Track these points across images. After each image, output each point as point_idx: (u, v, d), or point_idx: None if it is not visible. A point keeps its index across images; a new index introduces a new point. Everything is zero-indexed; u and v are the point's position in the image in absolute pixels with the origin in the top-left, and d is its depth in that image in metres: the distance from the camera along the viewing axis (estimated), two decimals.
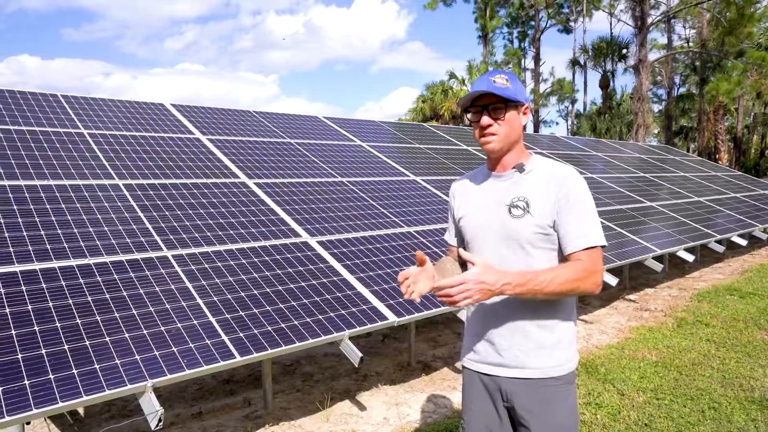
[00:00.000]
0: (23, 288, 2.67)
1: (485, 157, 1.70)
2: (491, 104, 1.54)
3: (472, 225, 1.66)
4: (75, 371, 2.29)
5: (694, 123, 30.92)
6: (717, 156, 25.16)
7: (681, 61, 29.10)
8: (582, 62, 30.34)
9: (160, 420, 2.23)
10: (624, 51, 28.29)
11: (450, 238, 1.83)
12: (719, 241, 7.08)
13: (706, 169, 12.18)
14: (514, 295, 1.45)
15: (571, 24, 30.59)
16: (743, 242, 7.43)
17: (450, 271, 1.65)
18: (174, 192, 3.98)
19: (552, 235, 1.55)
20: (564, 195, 1.52)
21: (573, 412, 1.60)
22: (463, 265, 1.76)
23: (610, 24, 30.41)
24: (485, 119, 1.55)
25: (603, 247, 1.53)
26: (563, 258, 1.56)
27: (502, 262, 1.54)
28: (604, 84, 28.48)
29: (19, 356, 2.29)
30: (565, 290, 1.47)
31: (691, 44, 28.86)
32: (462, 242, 1.75)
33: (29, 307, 2.57)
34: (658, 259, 6.31)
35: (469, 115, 1.62)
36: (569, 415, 1.58)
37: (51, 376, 2.23)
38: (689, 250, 6.53)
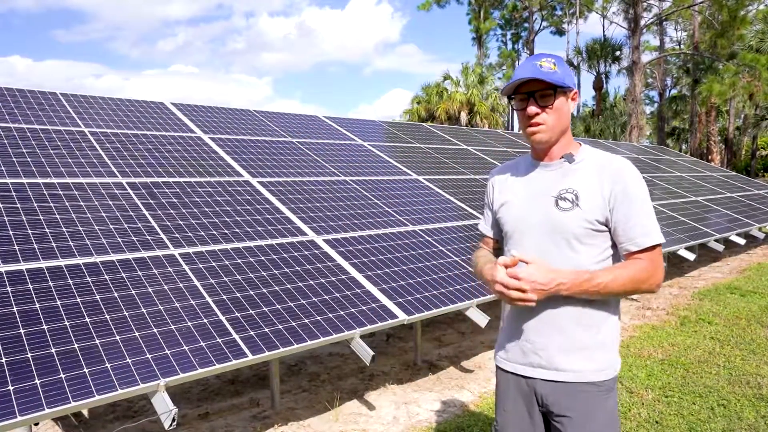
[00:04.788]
0: (30, 286, 2.62)
1: (484, 157, 1.64)
2: (538, 91, 1.42)
3: (512, 216, 1.55)
4: (86, 370, 2.24)
5: (686, 124, 31.20)
6: (709, 157, 25.38)
7: (673, 63, 29.36)
8: (575, 64, 30.52)
9: (173, 419, 2.19)
10: (617, 53, 28.50)
11: (486, 228, 1.72)
12: (718, 240, 7.12)
13: (700, 169, 12.27)
14: (570, 294, 1.38)
15: (565, 26, 30.78)
16: (741, 241, 7.48)
17: None
18: (179, 191, 3.93)
19: (602, 232, 1.45)
20: (621, 189, 1.42)
21: (613, 420, 1.47)
22: (498, 250, 1.70)
23: (603, 26, 30.69)
24: (532, 108, 1.43)
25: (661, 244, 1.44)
26: (614, 254, 1.47)
27: (545, 257, 1.43)
28: (598, 86, 28.65)
29: (29, 355, 2.24)
30: (623, 292, 1.40)
31: (682, 46, 29.13)
32: (500, 234, 1.65)
33: (37, 306, 2.51)
34: None
35: (513, 103, 1.50)
36: (609, 423, 1.46)
37: (62, 375, 2.18)
38: (689, 249, 6.56)
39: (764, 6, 21.93)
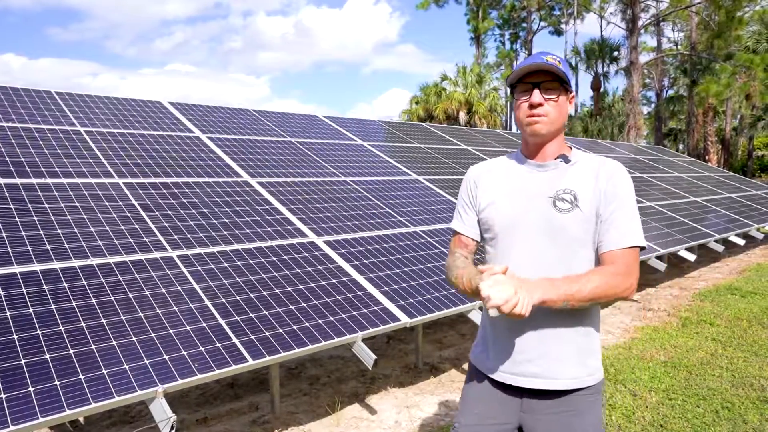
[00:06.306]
0: (24, 290, 2.56)
1: (484, 157, 1.59)
2: (545, 82, 1.41)
3: (502, 216, 1.48)
4: (82, 377, 2.18)
5: (683, 125, 31.24)
6: (706, 157, 25.42)
7: (670, 63, 29.39)
8: (574, 64, 30.52)
9: (172, 427, 2.14)
10: (615, 53, 28.51)
11: (466, 228, 1.60)
12: (717, 241, 7.10)
13: (698, 169, 12.26)
14: (545, 304, 1.30)
15: (563, 26, 30.78)
16: (741, 242, 7.46)
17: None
18: (176, 191, 3.87)
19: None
20: (612, 188, 1.42)
21: (599, 424, 1.48)
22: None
23: (601, 26, 30.67)
24: (537, 96, 1.40)
25: (642, 249, 1.42)
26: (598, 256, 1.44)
27: (539, 259, 1.41)
28: (596, 86, 28.66)
29: (23, 362, 2.18)
30: (597, 296, 1.34)
31: (680, 47, 29.16)
32: (481, 236, 1.58)
33: (31, 310, 2.45)
34: (660, 258, 6.30)
35: (515, 93, 1.47)
36: (595, 428, 1.47)
37: (57, 383, 2.12)
38: (689, 249, 6.54)
39: (760, 7, 21.99)
